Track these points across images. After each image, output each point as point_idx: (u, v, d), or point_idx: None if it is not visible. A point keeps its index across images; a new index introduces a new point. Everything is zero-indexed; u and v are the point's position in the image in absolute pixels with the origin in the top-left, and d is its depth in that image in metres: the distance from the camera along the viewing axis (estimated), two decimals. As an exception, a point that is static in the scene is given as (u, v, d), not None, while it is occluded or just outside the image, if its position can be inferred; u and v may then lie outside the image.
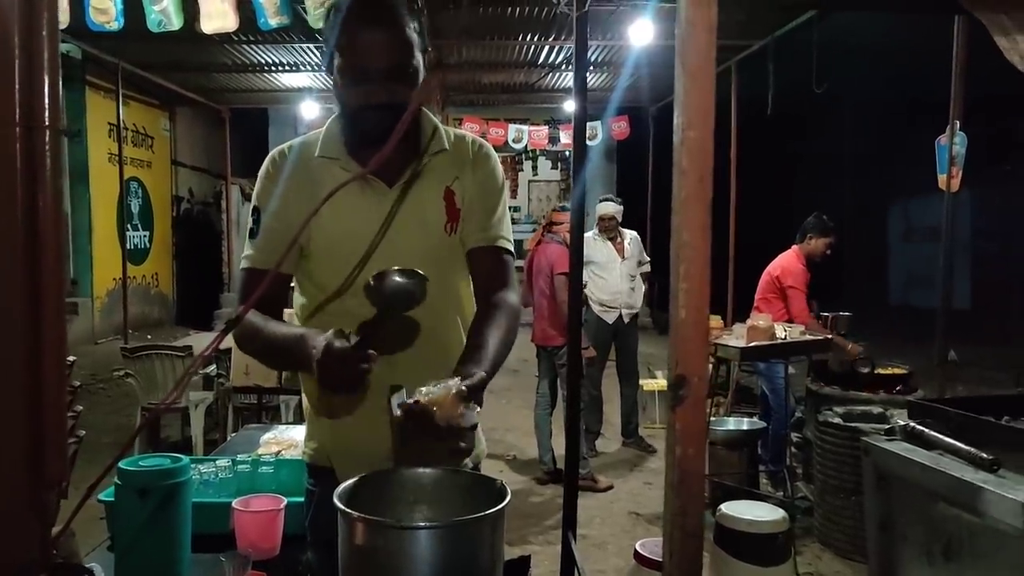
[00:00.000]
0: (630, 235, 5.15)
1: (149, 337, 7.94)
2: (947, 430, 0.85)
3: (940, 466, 0.79)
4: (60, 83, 0.55)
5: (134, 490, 1.32)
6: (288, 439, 2.12)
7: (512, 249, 1.44)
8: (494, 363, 1.22)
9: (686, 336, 0.61)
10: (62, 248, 0.56)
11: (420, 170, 1.35)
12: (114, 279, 8.90)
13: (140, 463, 1.36)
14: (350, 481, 1.08)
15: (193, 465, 1.73)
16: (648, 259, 5.33)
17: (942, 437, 0.83)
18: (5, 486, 0.58)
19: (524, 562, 1.13)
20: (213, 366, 4.36)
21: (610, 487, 4.35)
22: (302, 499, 1.71)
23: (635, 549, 1.11)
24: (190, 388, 4.34)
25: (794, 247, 4.49)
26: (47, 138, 0.56)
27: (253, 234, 1.37)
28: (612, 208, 5.03)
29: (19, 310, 0.54)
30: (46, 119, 0.56)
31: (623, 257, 5.03)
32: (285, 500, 1.54)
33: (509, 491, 1.04)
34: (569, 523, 1.25)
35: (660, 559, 1.09)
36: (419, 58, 1.28)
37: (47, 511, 0.60)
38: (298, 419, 4.36)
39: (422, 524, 0.95)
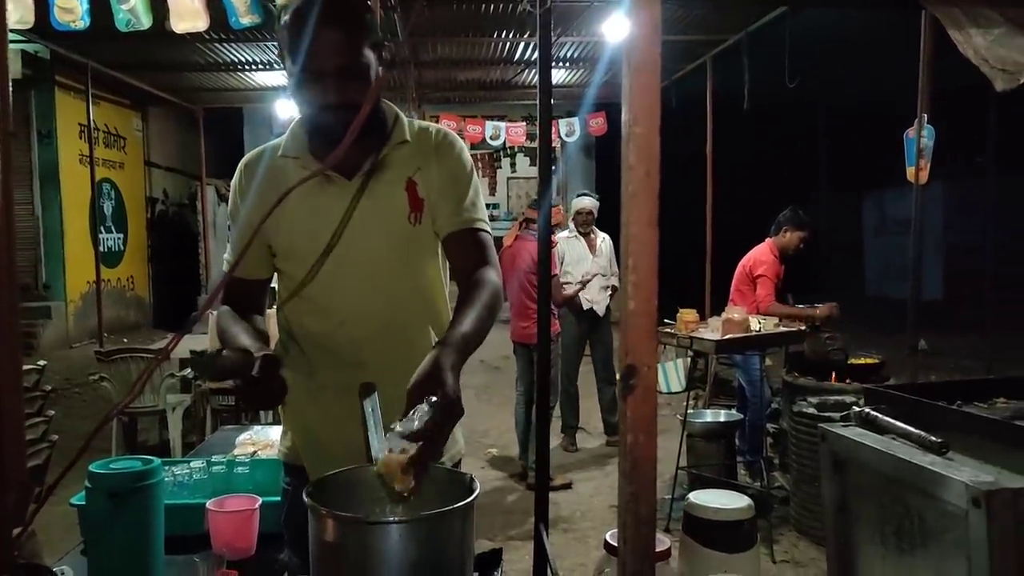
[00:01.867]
0: (603, 236, 5.20)
1: (125, 341, 7.84)
2: (900, 415, 0.87)
3: (891, 450, 0.81)
4: (9, 86, 0.55)
5: (104, 493, 1.32)
6: (264, 439, 2.12)
7: (488, 229, 1.43)
8: (469, 341, 1.18)
9: (635, 327, 0.63)
10: (11, 250, 0.57)
11: (379, 161, 1.35)
12: (88, 282, 8.77)
13: (111, 466, 1.36)
14: (320, 478, 1.09)
15: (167, 467, 1.73)
16: (617, 270, 5.37)
17: (893, 422, 0.86)
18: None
19: (495, 555, 1.15)
20: (189, 369, 4.32)
21: (567, 485, 4.32)
22: (278, 498, 1.71)
23: (605, 539, 1.13)
24: (168, 391, 4.31)
25: (768, 240, 4.55)
26: (-3, 141, 0.56)
27: (232, 240, 1.44)
28: (588, 202, 5.07)
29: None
30: (-4, 122, 0.56)
31: (595, 254, 5.07)
32: (260, 500, 1.54)
33: (479, 485, 1.06)
34: (541, 517, 1.27)
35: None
36: (370, 55, 1.28)
37: (6, 513, 0.60)
38: (277, 419, 4.34)
39: (391, 519, 0.96)
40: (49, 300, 8.52)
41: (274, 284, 1.52)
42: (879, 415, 0.84)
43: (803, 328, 4.18)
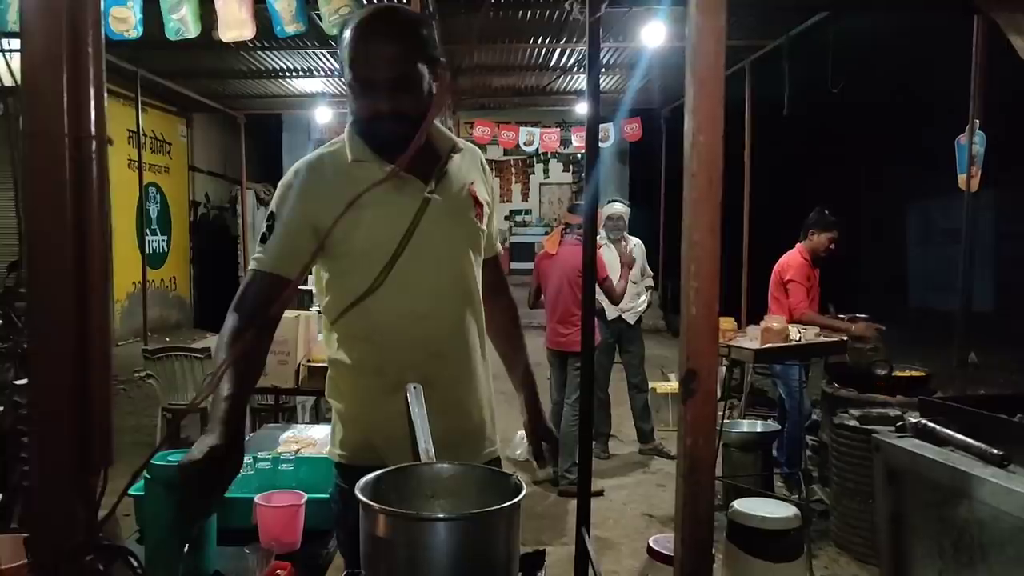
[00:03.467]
0: (635, 241, 5.17)
1: (168, 340, 8.04)
2: (959, 427, 0.86)
3: (950, 462, 0.80)
4: (105, 96, 0.59)
5: (162, 484, 1.36)
6: (306, 438, 2.17)
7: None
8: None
9: (696, 332, 0.64)
10: (108, 250, 0.60)
11: (446, 164, 1.44)
12: (133, 283, 9.03)
13: (169, 459, 1.40)
14: (370, 476, 1.11)
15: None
16: (651, 273, 5.34)
17: (953, 433, 0.84)
18: (54, 470, 0.62)
19: (539, 555, 1.16)
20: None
21: (599, 492, 4.27)
22: (322, 495, 1.75)
23: (648, 544, 1.13)
24: (209, 390, 4.40)
25: (798, 244, 4.50)
26: (93, 148, 0.59)
27: (265, 239, 1.40)
28: (620, 208, 5.05)
29: (68, 306, 0.58)
30: (92, 130, 0.59)
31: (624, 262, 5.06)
32: (305, 496, 1.57)
33: (525, 486, 1.07)
34: (584, 520, 1.28)
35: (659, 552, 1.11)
36: (423, 68, 1.35)
37: (93, 495, 0.63)
38: (314, 419, 4.41)
39: (441, 516, 0.98)
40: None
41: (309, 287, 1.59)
42: (937, 426, 0.82)
43: (844, 338, 4.10)
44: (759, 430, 4.01)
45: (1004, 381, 6.45)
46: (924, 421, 0.89)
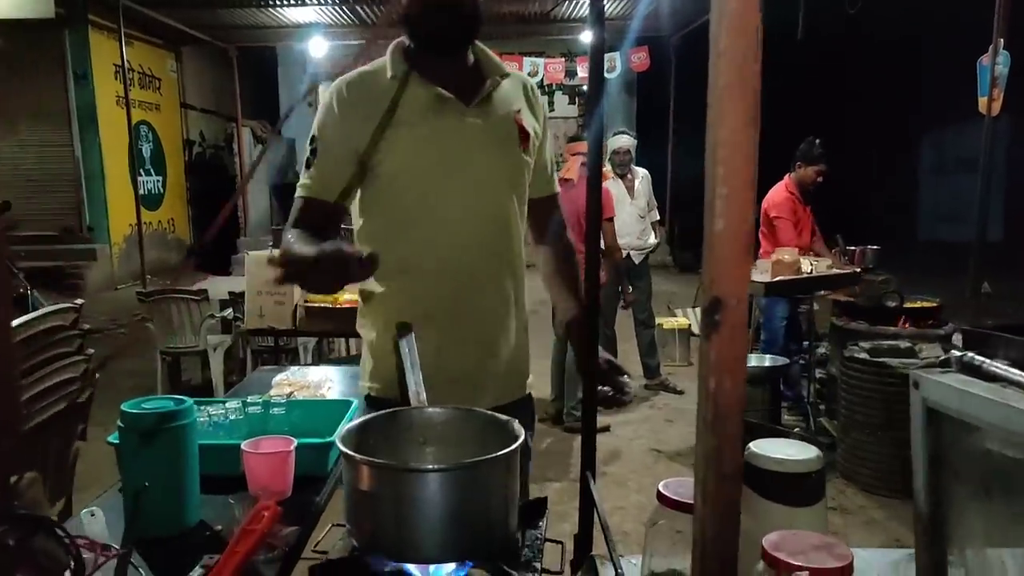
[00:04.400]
0: (641, 173, 4.98)
1: (168, 282, 7.98)
2: (1007, 360, 0.77)
3: (1004, 399, 0.72)
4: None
5: (136, 433, 1.28)
6: (300, 380, 2.08)
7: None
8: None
9: (724, 252, 0.52)
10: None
11: (492, 91, 1.37)
12: (130, 225, 8.90)
13: (143, 405, 1.32)
14: (355, 423, 1.02)
15: (203, 407, 1.70)
16: (656, 204, 5.16)
17: (1008, 369, 0.76)
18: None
19: (540, 504, 1.07)
20: (230, 310, 4.35)
21: (605, 428, 4.25)
22: (315, 440, 1.67)
23: (658, 490, 1.05)
24: (208, 331, 4.35)
25: (786, 176, 4.35)
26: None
27: (309, 163, 1.36)
28: (626, 141, 4.85)
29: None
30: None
31: (632, 196, 4.88)
32: (295, 442, 1.49)
33: (523, 432, 0.97)
34: (588, 463, 1.19)
35: (687, 500, 1.02)
36: None
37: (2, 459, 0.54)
38: (316, 360, 4.36)
39: (430, 467, 0.89)
40: (94, 242, 8.68)
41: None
42: (986, 360, 0.74)
43: (857, 270, 3.99)
44: (767, 364, 3.94)
45: (1015, 311, 6.35)
46: (971, 355, 0.80)
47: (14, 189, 8.00)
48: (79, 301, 2.39)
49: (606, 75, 9.28)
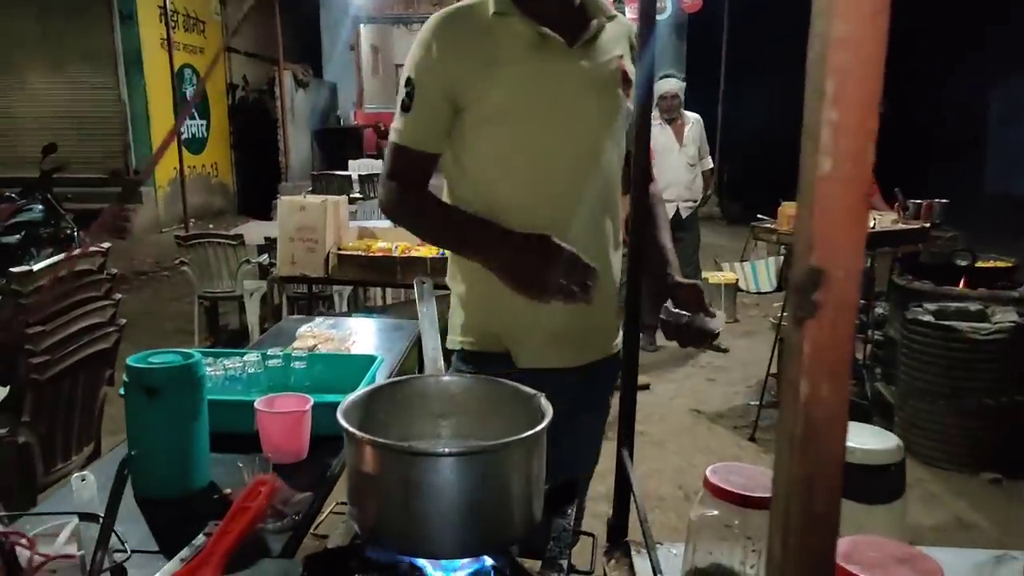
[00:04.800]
0: (692, 118, 4.69)
1: (211, 226, 8.04)
2: None
3: None
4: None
5: (141, 388, 1.20)
6: (325, 333, 1.98)
7: None
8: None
9: (830, 203, 0.36)
10: None
11: (596, 33, 1.30)
12: (174, 168, 8.95)
13: (149, 359, 1.23)
14: (361, 392, 0.91)
15: (218, 360, 1.62)
16: (708, 151, 4.87)
17: None
18: None
19: (569, 488, 0.95)
20: (266, 255, 4.31)
21: (645, 386, 4.14)
22: (334, 397, 1.58)
23: (706, 477, 0.91)
24: (245, 277, 4.32)
25: None
26: None
27: (405, 107, 1.29)
28: (674, 84, 4.56)
29: None
30: None
31: (681, 143, 4.61)
32: (312, 400, 1.39)
33: (550, 409, 0.84)
34: (625, 439, 1.05)
35: (740, 491, 0.89)
36: None
37: None
38: (352, 308, 4.31)
39: (444, 451, 0.77)
40: (141, 185, 8.76)
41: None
42: None
43: (925, 225, 3.70)
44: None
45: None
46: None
47: (62, 132, 8.09)
48: (106, 245, 2.34)
49: (656, 16, 8.81)
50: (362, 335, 2.18)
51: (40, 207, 5.48)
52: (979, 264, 3.72)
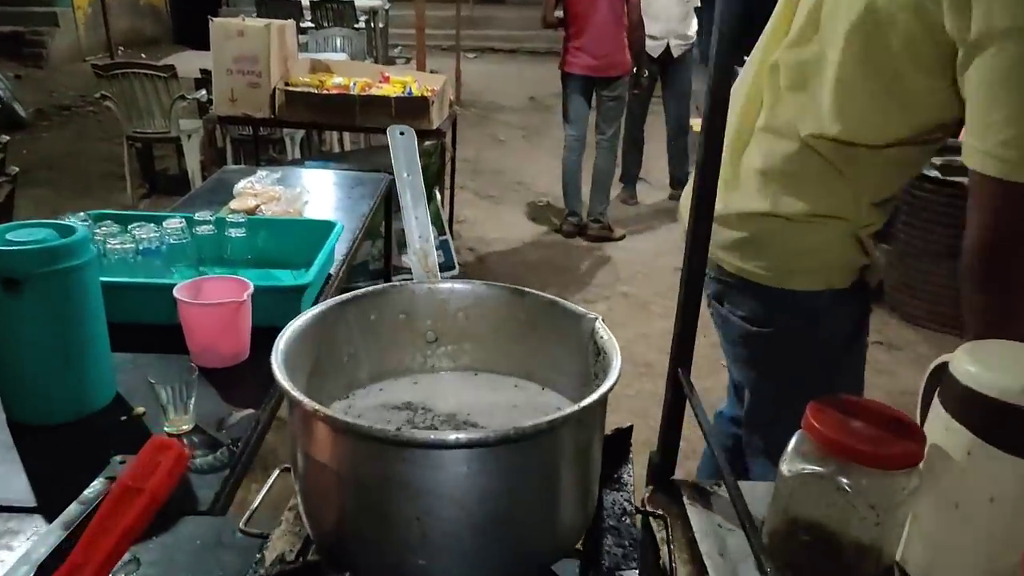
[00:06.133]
0: None
1: (144, 56, 7.14)
2: None
3: None
4: None
5: (-1, 280, 0.85)
6: (270, 190, 1.60)
7: None
8: None
9: None
10: None
11: None
12: (94, -14, 7.81)
13: (7, 236, 0.87)
14: (312, 312, 0.59)
15: (129, 228, 1.26)
16: None
17: None
18: None
19: (624, 435, 0.67)
20: (203, 91, 3.74)
21: (623, 236, 3.93)
22: (280, 284, 1.26)
23: (807, 417, 0.66)
24: (181, 115, 3.78)
25: None
26: None
27: None
28: None
29: None
30: None
31: None
32: (252, 286, 1.07)
33: (614, 343, 0.54)
34: (682, 357, 0.75)
35: (862, 448, 0.63)
36: None
37: None
38: (306, 154, 3.83)
39: (450, 440, 0.46)
40: (55, 5, 7.66)
41: None
42: None
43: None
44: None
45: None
46: None
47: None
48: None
49: None
50: (316, 192, 1.81)
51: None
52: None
